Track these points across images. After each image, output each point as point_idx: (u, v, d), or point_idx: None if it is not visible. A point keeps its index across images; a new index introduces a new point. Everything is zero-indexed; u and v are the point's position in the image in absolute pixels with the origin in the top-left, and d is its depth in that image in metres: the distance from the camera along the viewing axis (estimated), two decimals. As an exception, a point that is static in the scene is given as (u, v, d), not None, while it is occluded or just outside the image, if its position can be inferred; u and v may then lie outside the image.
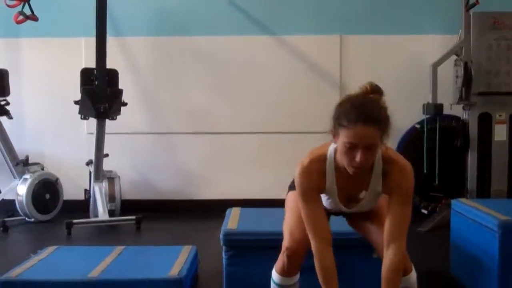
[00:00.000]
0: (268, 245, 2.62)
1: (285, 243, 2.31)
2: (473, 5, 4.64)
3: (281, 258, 2.32)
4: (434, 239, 4.20)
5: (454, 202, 3.36)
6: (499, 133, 4.71)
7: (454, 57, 4.80)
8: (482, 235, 2.90)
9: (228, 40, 5.17)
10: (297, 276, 2.37)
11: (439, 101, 4.65)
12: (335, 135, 2.10)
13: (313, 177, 2.18)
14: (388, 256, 2.15)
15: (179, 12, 5.17)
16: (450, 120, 4.85)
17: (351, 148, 2.04)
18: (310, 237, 2.19)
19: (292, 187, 2.39)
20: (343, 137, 2.04)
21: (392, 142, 2.55)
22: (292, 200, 2.38)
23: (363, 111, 2.03)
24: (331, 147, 2.20)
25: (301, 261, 2.32)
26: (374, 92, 2.13)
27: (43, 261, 2.84)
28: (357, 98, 2.10)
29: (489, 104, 4.69)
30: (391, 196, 2.19)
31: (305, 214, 2.20)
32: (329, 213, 2.38)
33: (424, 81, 4.76)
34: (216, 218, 3.52)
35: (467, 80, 4.65)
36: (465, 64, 4.66)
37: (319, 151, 2.22)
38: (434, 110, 4.63)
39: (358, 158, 2.03)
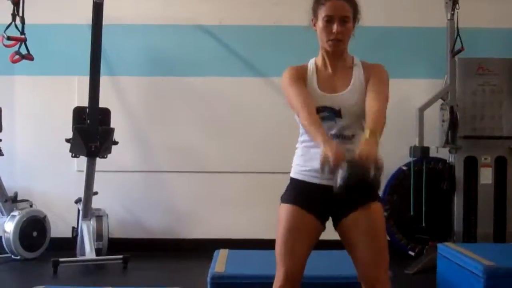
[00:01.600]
0: (255, 288, 2.64)
1: (278, 281, 2.29)
2: (459, 51, 4.76)
3: None
4: (420, 281, 4.22)
5: (440, 246, 3.40)
6: (485, 176, 4.78)
7: (440, 101, 4.89)
8: (467, 280, 2.94)
9: (218, 80, 5.25)
10: None
11: (425, 144, 4.72)
12: (315, 21, 2.40)
13: (297, 70, 2.43)
14: (371, 109, 2.28)
15: (171, 53, 5.25)
16: (437, 162, 4.92)
17: (328, 22, 2.33)
18: (299, 111, 2.30)
19: (283, 198, 2.39)
20: (321, 14, 2.35)
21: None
22: (283, 215, 2.35)
23: None
24: (311, 59, 2.45)
25: None
26: None
27: (30, 301, 2.83)
28: None
29: (475, 147, 4.77)
30: (369, 81, 2.37)
31: (292, 94, 2.36)
32: (321, 203, 2.32)
33: (411, 124, 4.84)
34: (204, 258, 3.54)
35: (453, 124, 4.74)
36: (451, 108, 4.75)
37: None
38: (421, 153, 4.70)
39: (334, 29, 2.32)
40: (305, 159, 2.37)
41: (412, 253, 4.81)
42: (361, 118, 2.34)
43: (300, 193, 2.35)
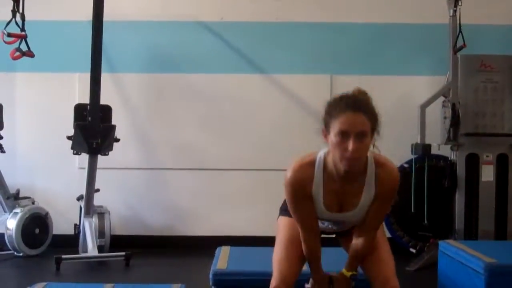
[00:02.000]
0: (257, 285, 2.64)
1: (273, 282, 2.34)
2: (461, 48, 4.74)
3: None
4: (422, 278, 4.22)
5: (441, 243, 3.40)
6: (487, 173, 4.77)
7: (442, 98, 4.89)
8: (468, 277, 2.94)
9: (221, 78, 5.25)
10: None
11: (427, 141, 4.73)
12: (326, 133, 2.14)
13: (301, 183, 2.21)
14: (359, 241, 2.29)
15: (172, 49, 5.25)
16: (438, 160, 4.91)
17: (342, 138, 2.06)
18: (300, 230, 2.29)
19: (283, 210, 2.44)
20: (334, 127, 2.08)
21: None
22: (282, 226, 2.43)
23: (352, 100, 2.12)
24: (321, 152, 2.23)
25: None
26: (361, 94, 2.20)
27: (32, 298, 2.83)
28: (346, 93, 2.18)
29: (477, 144, 4.77)
30: (377, 198, 2.22)
31: (296, 216, 2.29)
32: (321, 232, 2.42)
33: (413, 122, 4.84)
34: (206, 255, 3.54)
35: (454, 121, 4.73)
36: (453, 105, 4.75)
37: (309, 157, 2.25)
38: (422, 150, 4.70)
39: (350, 146, 2.04)
40: None
41: (413, 250, 4.81)
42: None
43: None
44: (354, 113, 2.06)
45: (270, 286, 2.34)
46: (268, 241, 2.89)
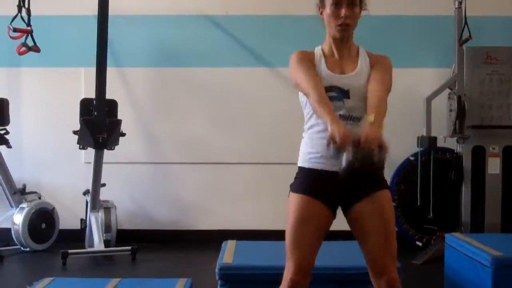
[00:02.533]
0: (263, 279, 2.65)
1: (288, 273, 2.27)
2: (466, 40, 4.73)
3: (284, 285, 2.29)
4: (428, 271, 4.22)
5: (448, 236, 3.39)
6: (493, 166, 4.76)
7: (448, 90, 4.87)
8: (475, 270, 2.93)
9: (226, 71, 5.25)
10: None
11: (433, 134, 4.71)
12: (322, 9, 2.41)
13: (305, 53, 2.43)
14: (373, 94, 2.31)
15: (177, 43, 5.25)
16: (444, 153, 4.90)
17: (336, 7, 2.34)
18: (309, 91, 2.30)
19: (293, 187, 2.36)
20: (328, 1, 2.36)
21: (386, 174, 2.59)
22: (292, 205, 2.32)
23: None
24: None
25: None
26: None
27: (39, 293, 2.85)
28: None
29: (483, 137, 4.75)
30: (373, 69, 2.40)
31: (301, 72, 2.36)
32: (330, 192, 2.31)
33: (419, 114, 4.83)
34: (212, 249, 3.55)
35: (460, 114, 4.72)
36: (459, 97, 4.73)
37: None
38: (428, 143, 4.69)
39: (343, 13, 2.33)
40: (312, 145, 2.36)
41: (419, 244, 4.81)
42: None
43: (309, 182, 2.33)
44: None
45: (284, 278, 2.28)
46: (274, 235, 2.90)
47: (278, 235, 2.58)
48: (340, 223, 2.48)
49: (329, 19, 2.39)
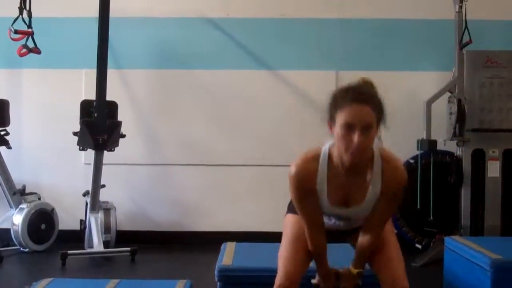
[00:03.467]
0: (262, 281, 2.63)
1: (278, 279, 2.33)
2: (466, 44, 4.74)
3: None
4: (428, 274, 4.22)
5: (447, 239, 3.40)
6: (492, 169, 4.76)
7: (448, 94, 4.88)
8: (474, 273, 2.94)
9: (226, 74, 5.25)
10: None
11: (433, 137, 4.72)
12: (331, 124, 2.12)
13: (306, 177, 2.19)
14: (365, 239, 2.28)
15: (178, 46, 5.25)
16: (444, 156, 4.90)
17: (348, 130, 2.04)
18: (304, 225, 2.29)
19: (290, 207, 2.42)
20: (340, 119, 2.05)
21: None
22: (288, 223, 2.42)
23: (358, 91, 2.09)
24: (326, 145, 2.21)
25: None
26: (367, 84, 2.20)
27: (39, 294, 2.85)
28: (352, 83, 2.17)
29: (483, 140, 4.75)
30: (381, 195, 2.20)
31: (300, 210, 2.27)
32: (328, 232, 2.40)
33: (418, 117, 4.83)
34: (212, 251, 3.55)
35: (460, 117, 4.72)
36: (459, 101, 4.74)
37: (313, 151, 2.24)
38: (428, 146, 4.69)
39: (355, 139, 2.01)
40: None
41: (419, 246, 4.82)
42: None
43: None
44: (359, 105, 2.03)
45: (275, 284, 2.33)
46: (274, 237, 2.90)
47: (278, 237, 2.58)
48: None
49: (339, 141, 2.08)
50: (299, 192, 2.22)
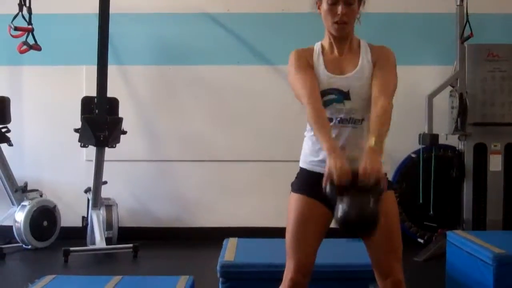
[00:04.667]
0: (265, 277, 2.65)
1: (289, 273, 2.27)
2: (468, 37, 4.72)
3: (285, 285, 2.28)
4: (430, 269, 4.22)
5: (449, 234, 3.39)
6: (494, 163, 4.76)
7: (449, 88, 4.87)
8: (477, 267, 2.93)
9: (227, 69, 5.24)
10: None
11: (435, 131, 4.71)
12: (319, 4, 2.37)
13: (303, 53, 2.38)
14: (377, 107, 2.20)
15: (179, 41, 5.25)
16: (446, 150, 4.90)
17: (333, 4, 2.29)
18: (305, 104, 2.27)
19: (293, 186, 2.36)
20: None
21: (388, 171, 2.58)
22: (293, 205, 2.33)
23: None
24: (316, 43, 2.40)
25: None
26: None
27: (41, 291, 2.85)
28: None
29: (484, 134, 4.75)
30: (376, 64, 2.33)
31: (298, 79, 2.33)
32: None
33: (420, 111, 4.82)
34: (214, 246, 3.55)
35: (462, 111, 4.71)
36: (460, 95, 4.73)
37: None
38: (430, 140, 4.68)
39: (339, 10, 2.28)
40: (312, 150, 2.34)
41: (421, 241, 4.81)
42: (370, 101, 2.28)
43: (309, 183, 2.31)
44: None
45: (285, 278, 2.28)
46: (275, 233, 2.89)
47: (279, 232, 2.57)
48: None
49: (326, 15, 2.34)
50: (298, 63, 2.36)
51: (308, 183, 2.32)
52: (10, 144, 4.80)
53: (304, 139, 2.43)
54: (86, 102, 4.68)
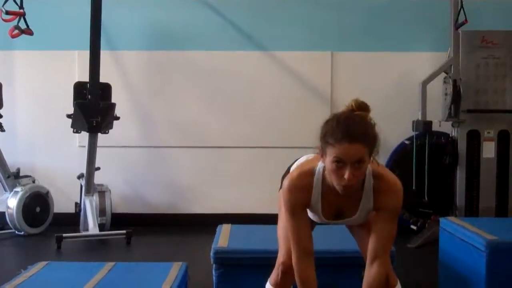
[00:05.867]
0: (258, 263, 2.65)
1: (281, 257, 2.32)
2: (462, 24, 4.70)
3: (276, 271, 2.34)
4: (422, 255, 4.24)
5: (442, 220, 3.39)
6: (487, 150, 4.77)
7: (443, 74, 4.86)
8: (469, 254, 2.94)
9: (221, 54, 5.21)
10: None
11: (428, 118, 4.71)
12: (322, 154, 2.11)
13: (300, 193, 2.18)
14: (371, 273, 2.19)
15: (172, 26, 5.21)
16: (439, 137, 4.90)
17: (339, 166, 2.03)
18: (292, 247, 2.21)
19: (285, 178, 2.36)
20: (330, 155, 2.04)
21: (381, 158, 2.58)
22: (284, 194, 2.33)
23: (348, 128, 2.02)
24: (320, 163, 2.19)
25: None
26: (360, 109, 2.14)
27: (33, 277, 2.84)
28: (342, 116, 2.10)
29: (478, 121, 4.75)
30: (378, 212, 2.20)
31: (290, 226, 2.22)
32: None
33: (414, 98, 4.82)
34: (207, 233, 3.54)
35: (456, 98, 4.71)
36: (454, 81, 4.72)
37: (309, 165, 2.23)
38: (423, 127, 4.69)
39: (346, 175, 2.02)
40: None
41: (414, 227, 4.82)
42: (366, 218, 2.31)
43: None
44: (350, 143, 2.00)
45: (277, 263, 2.33)
46: (269, 219, 2.89)
47: (273, 219, 2.58)
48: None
49: (330, 173, 2.08)
50: (294, 206, 2.19)
51: None
52: (2, 130, 4.76)
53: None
54: (79, 88, 4.64)
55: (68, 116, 4.62)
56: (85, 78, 4.66)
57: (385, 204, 2.17)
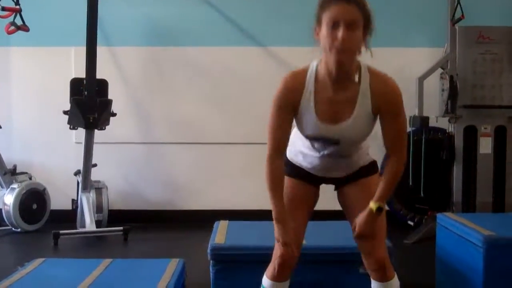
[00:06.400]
0: (255, 259, 2.63)
1: (277, 250, 2.31)
2: (459, 19, 4.71)
3: (273, 264, 2.34)
4: (419, 251, 4.24)
5: (439, 216, 3.40)
6: (484, 145, 4.77)
7: (440, 70, 4.86)
8: (467, 249, 2.94)
9: (219, 50, 5.20)
10: (288, 282, 2.39)
11: (425, 113, 4.71)
12: (318, 30, 2.09)
13: (291, 93, 2.17)
14: (390, 163, 2.20)
15: (170, 22, 5.19)
16: (436, 132, 4.90)
17: (333, 28, 2.01)
18: (268, 143, 2.22)
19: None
20: (325, 18, 2.04)
21: (378, 154, 2.60)
22: (286, 187, 2.34)
23: None
24: (315, 61, 2.18)
25: (293, 267, 2.34)
26: None
27: (30, 274, 2.84)
28: None
29: (475, 117, 4.75)
30: (381, 113, 2.16)
31: (271, 122, 2.20)
32: (318, 179, 2.38)
33: (411, 94, 4.80)
34: (204, 229, 3.55)
35: (452, 93, 4.71)
36: (451, 77, 4.72)
37: (301, 68, 2.22)
38: (420, 122, 4.69)
39: (340, 35, 1.99)
40: (294, 153, 2.40)
41: (411, 223, 4.83)
42: (362, 142, 2.29)
43: (296, 169, 2.40)
44: (344, 3, 2.03)
45: (274, 255, 2.33)
46: (266, 215, 2.88)
47: (270, 215, 2.57)
48: (329, 202, 2.55)
49: (324, 40, 2.04)
50: (281, 105, 2.17)
51: (295, 169, 2.39)
52: (-1, 127, 4.76)
53: (295, 134, 2.38)
54: (75, 84, 4.63)
55: (65, 112, 4.61)
56: (82, 74, 4.64)
57: (387, 101, 2.14)
